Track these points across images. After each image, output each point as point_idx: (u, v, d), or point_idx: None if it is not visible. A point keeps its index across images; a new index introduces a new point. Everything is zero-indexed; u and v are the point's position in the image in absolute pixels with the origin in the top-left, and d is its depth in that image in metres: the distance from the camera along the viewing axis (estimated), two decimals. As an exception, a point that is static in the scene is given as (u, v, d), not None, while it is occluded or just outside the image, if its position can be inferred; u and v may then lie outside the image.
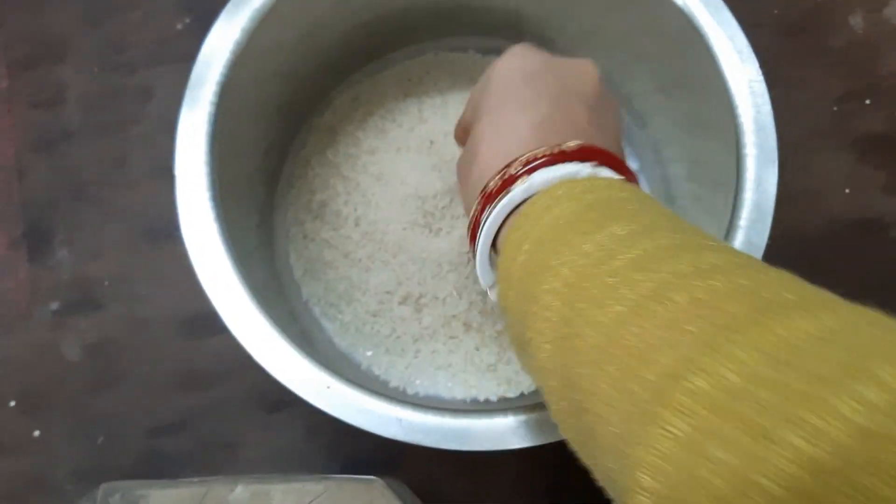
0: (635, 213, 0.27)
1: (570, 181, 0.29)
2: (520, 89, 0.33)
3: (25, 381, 0.49)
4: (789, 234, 0.44)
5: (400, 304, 0.48)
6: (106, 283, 0.51)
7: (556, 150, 0.30)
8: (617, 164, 0.31)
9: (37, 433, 0.48)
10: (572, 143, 0.31)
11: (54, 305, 0.50)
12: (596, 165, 0.30)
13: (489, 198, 0.31)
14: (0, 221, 0.52)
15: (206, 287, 0.37)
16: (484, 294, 0.48)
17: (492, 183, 0.31)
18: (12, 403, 0.49)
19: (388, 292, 0.49)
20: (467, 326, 0.48)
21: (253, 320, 0.37)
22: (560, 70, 0.34)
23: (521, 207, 0.30)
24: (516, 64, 0.35)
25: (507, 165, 0.31)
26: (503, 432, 0.35)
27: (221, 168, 0.40)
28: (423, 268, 0.48)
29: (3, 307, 0.50)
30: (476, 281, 0.48)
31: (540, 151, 0.30)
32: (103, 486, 0.34)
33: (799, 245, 0.51)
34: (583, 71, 0.35)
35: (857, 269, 0.51)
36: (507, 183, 0.30)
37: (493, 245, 0.32)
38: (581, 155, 0.30)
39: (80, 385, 0.49)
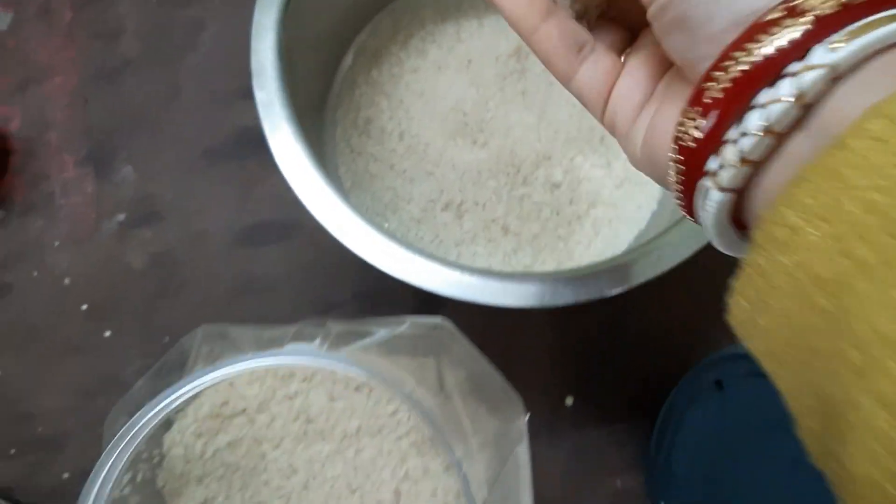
0: None
1: None
2: None
3: (95, 287, 0.53)
4: None
5: (442, 210, 0.52)
6: (167, 198, 0.54)
7: None
8: None
9: (107, 334, 0.52)
10: None
11: (120, 218, 0.54)
12: None
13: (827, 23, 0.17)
14: (67, 144, 0.55)
15: (290, 181, 0.40)
16: (522, 198, 0.51)
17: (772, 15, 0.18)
18: (84, 307, 0.52)
19: (431, 200, 0.52)
20: (505, 230, 0.52)
21: (341, 212, 0.40)
22: None
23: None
24: None
25: None
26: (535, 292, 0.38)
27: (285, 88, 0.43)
28: (463, 176, 0.52)
29: (73, 221, 0.54)
30: (517, 186, 0.51)
31: None
32: (203, 327, 0.38)
33: None
34: None
35: None
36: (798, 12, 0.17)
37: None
38: None
39: (145, 291, 0.53)
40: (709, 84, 0.18)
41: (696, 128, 0.19)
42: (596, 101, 0.25)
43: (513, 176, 0.52)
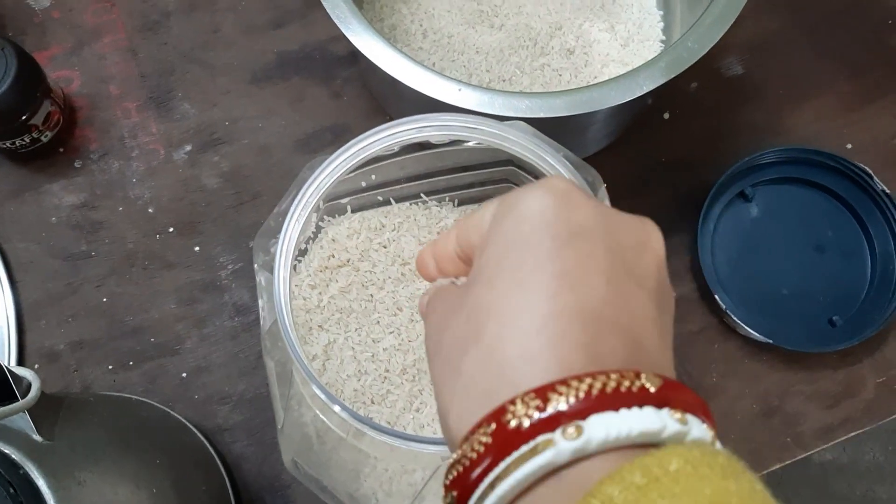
0: None
1: (672, 451, 0.19)
2: (559, 249, 0.23)
3: (178, 210, 0.59)
4: None
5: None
6: (226, 123, 0.60)
7: (631, 383, 0.20)
8: (704, 411, 0.22)
9: (197, 248, 0.58)
10: (651, 377, 0.21)
11: (187, 148, 0.60)
12: (680, 415, 0.21)
13: (508, 441, 0.20)
14: (127, 93, 0.61)
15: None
16: (542, 68, 0.58)
17: (517, 410, 0.20)
18: (171, 230, 0.58)
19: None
20: (532, 98, 0.58)
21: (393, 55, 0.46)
22: (616, 232, 0.24)
23: (569, 477, 0.20)
24: (554, 209, 0.24)
25: (545, 388, 0.20)
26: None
27: None
28: (487, 56, 0.59)
29: (147, 157, 0.60)
30: (536, 57, 0.58)
31: (608, 381, 0.20)
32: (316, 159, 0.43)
33: None
34: (645, 239, 0.25)
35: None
36: (545, 425, 0.20)
37: None
38: (660, 397, 0.21)
39: (223, 206, 0.59)
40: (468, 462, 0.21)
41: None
42: None
43: (531, 49, 0.59)
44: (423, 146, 0.41)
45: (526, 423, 0.20)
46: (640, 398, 0.20)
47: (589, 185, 0.38)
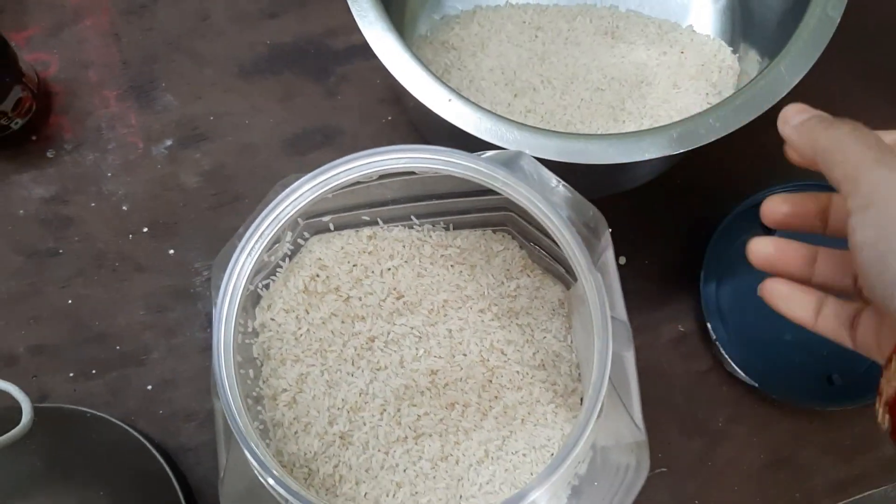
0: None
1: None
2: None
3: (153, 210, 0.55)
4: None
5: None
6: (210, 118, 0.56)
7: None
8: None
9: (171, 252, 0.54)
10: None
11: (167, 143, 0.56)
12: None
13: None
14: (107, 80, 0.57)
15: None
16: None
17: None
18: (145, 230, 0.54)
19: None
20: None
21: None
22: None
23: None
24: None
25: None
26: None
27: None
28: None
29: (123, 151, 0.56)
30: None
31: None
32: (288, 177, 0.39)
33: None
34: None
35: None
36: None
37: None
38: None
39: (202, 206, 0.55)
40: None
41: None
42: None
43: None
44: (407, 173, 0.37)
45: None
46: None
47: (587, 227, 0.33)
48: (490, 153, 0.38)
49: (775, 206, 0.32)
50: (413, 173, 0.37)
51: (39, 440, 0.39)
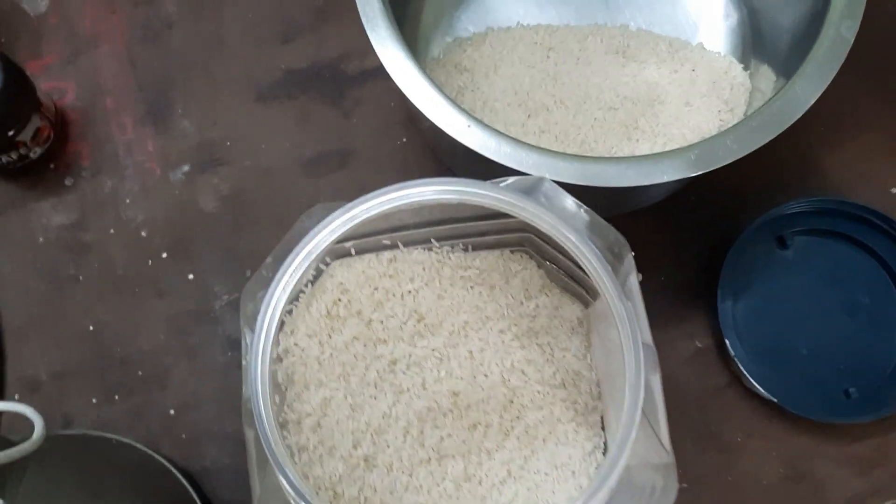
0: None
1: None
2: None
3: (173, 234, 0.55)
4: None
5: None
6: (227, 142, 0.57)
7: None
8: None
9: (190, 276, 0.55)
10: None
11: (185, 168, 0.56)
12: None
13: None
14: (123, 106, 0.58)
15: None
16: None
17: None
18: (164, 255, 0.55)
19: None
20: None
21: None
22: None
23: None
24: None
25: None
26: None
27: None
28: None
29: (141, 177, 0.56)
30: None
31: None
32: (320, 205, 0.40)
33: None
34: None
35: None
36: None
37: None
38: None
39: (221, 231, 0.55)
40: None
41: None
42: None
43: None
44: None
45: None
46: None
47: (611, 252, 0.34)
48: (511, 180, 0.38)
49: None
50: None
51: (65, 467, 0.40)
